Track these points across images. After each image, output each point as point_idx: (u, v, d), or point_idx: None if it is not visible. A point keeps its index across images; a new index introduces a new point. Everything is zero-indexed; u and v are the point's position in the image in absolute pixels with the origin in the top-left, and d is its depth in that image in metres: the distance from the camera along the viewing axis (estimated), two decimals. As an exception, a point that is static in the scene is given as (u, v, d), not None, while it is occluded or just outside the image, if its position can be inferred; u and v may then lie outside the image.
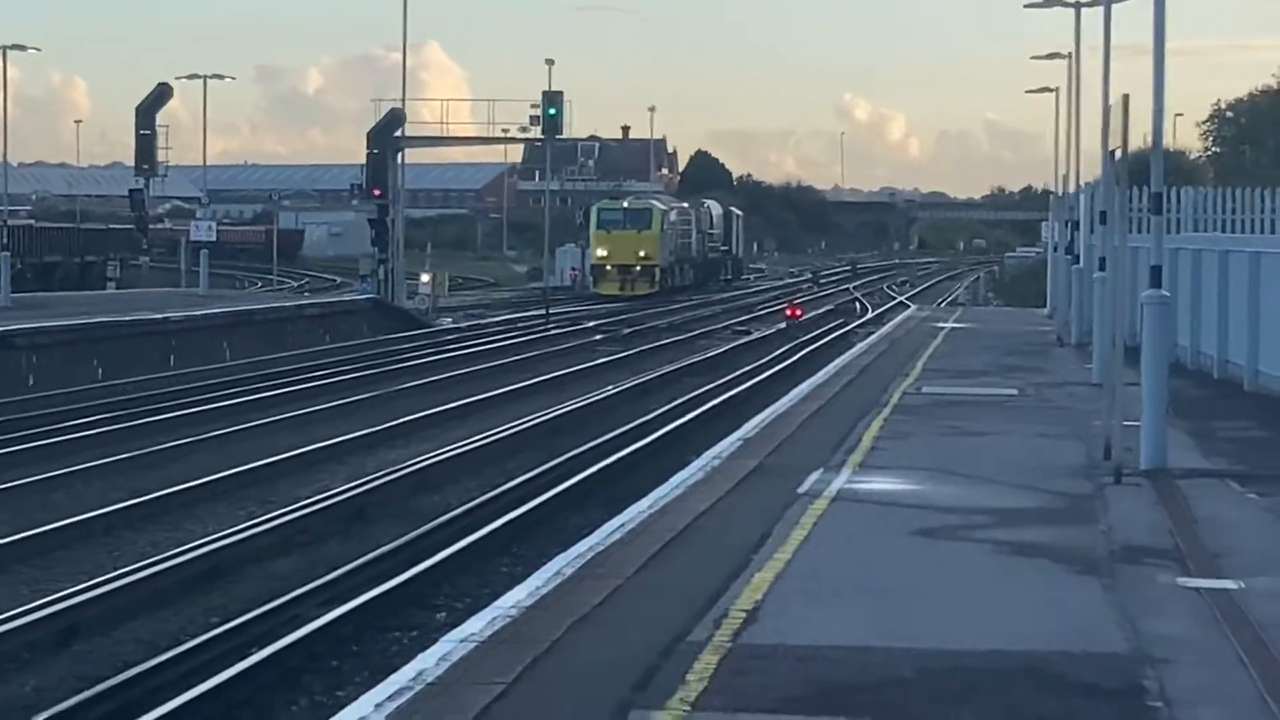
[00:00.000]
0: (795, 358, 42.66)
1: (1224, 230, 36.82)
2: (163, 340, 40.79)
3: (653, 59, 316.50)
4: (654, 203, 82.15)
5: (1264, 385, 25.06)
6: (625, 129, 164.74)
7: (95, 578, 16.26)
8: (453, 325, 58.07)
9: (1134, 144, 18.64)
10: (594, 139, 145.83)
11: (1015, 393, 26.14)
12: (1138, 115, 17.42)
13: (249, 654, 13.34)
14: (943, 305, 70.33)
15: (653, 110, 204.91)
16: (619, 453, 24.69)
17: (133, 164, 64.78)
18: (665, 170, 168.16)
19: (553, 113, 61.51)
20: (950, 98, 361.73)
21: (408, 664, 9.75)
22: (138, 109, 62.92)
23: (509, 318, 62.02)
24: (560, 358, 44.73)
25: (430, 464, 23.85)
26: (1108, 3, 25.99)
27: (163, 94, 63.89)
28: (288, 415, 30.40)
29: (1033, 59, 50.61)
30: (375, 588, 15.57)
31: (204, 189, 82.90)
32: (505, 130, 66.79)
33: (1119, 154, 18.58)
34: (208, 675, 12.65)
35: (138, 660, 13.46)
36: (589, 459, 24.16)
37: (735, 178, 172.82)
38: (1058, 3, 40.88)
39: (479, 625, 10.50)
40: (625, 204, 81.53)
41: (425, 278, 64.10)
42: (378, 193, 60.94)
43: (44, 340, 36.09)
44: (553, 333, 54.23)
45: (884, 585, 11.74)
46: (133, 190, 65.26)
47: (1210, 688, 9.20)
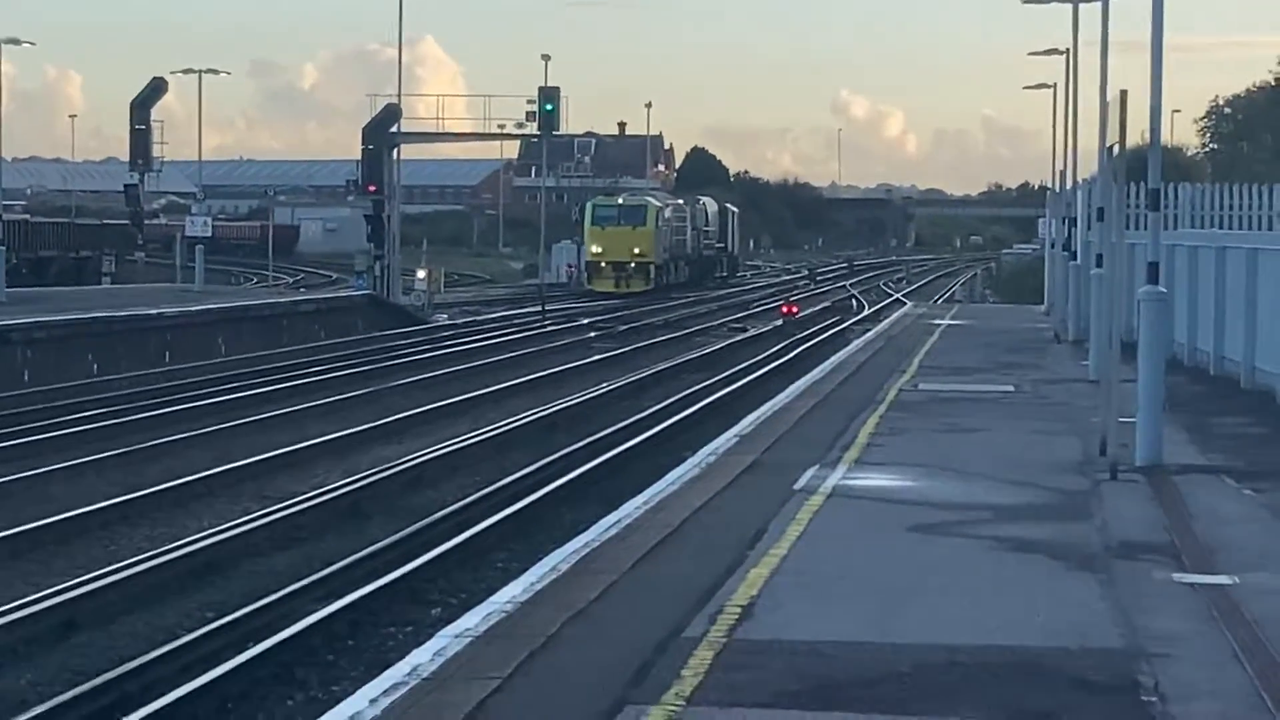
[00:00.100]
0: (791, 355, 42.65)
1: (1221, 227, 36.86)
2: (158, 336, 40.76)
3: (650, 55, 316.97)
4: (649, 199, 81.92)
5: (1260, 382, 25.05)
6: (622, 125, 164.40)
7: (91, 572, 16.26)
8: (448, 322, 58.04)
9: (1131, 140, 18.60)
10: (590, 135, 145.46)
11: (1012, 389, 26.14)
12: (1135, 111, 17.43)
13: (244, 649, 13.34)
14: (939, 302, 70.32)
15: (649, 106, 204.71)
16: (615, 449, 24.69)
17: (128, 159, 64.73)
18: (662, 167, 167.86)
19: (549, 109, 61.44)
20: (947, 94, 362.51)
21: (403, 659, 9.75)
22: (132, 104, 62.93)
23: (505, 314, 62.02)
24: (556, 354, 44.75)
25: (426, 460, 23.84)
26: (1105, -1, 25.98)
27: (158, 89, 63.89)
28: (283, 411, 30.41)
29: (1030, 55, 50.35)
30: (370, 583, 15.57)
31: (199, 184, 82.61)
32: (501, 126, 66.85)
33: (1116, 150, 18.57)
34: (203, 670, 12.65)
35: (134, 655, 13.46)
36: (585, 455, 24.15)
37: (732, 174, 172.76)
38: (1055, -2, 40.79)
39: (474, 620, 10.50)
40: (620, 200, 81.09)
41: (421, 274, 64.00)
42: (373, 189, 60.87)
43: (39, 335, 36.06)
44: (549, 329, 54.22)
45: (879, 581, 11.74)
46: (128, 185, 65.25)
47: (1205, 683, 9.19)
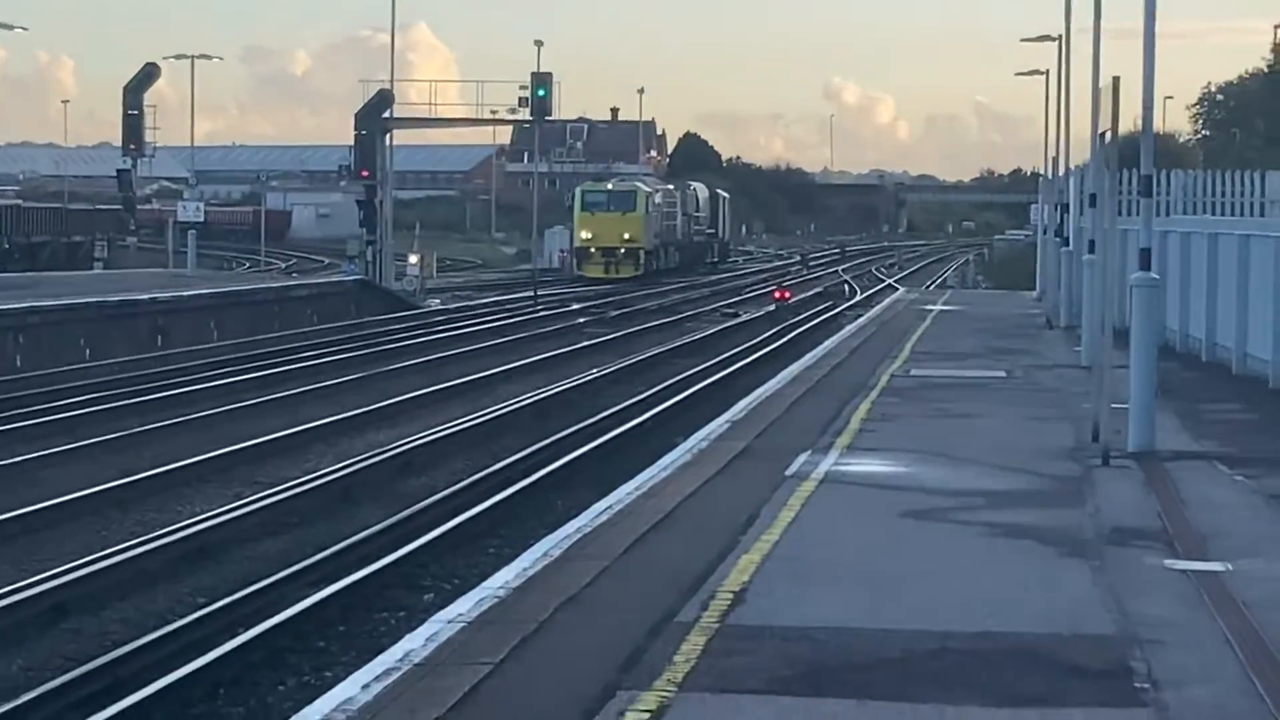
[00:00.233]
0: (783, 340, 42.66)
1: (1213, 213, 36.85)
2: (150, 321, 40.71)
3: (642, 41, 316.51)
4: (639, 184, 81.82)
5: (1252, 368, 25.08)
6: (614, 111, 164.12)
7: (83, 557, 16.25)
8: (441, 307, 58.01)
9: (1124, 127, 18.57)
10: (583, 121, 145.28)
11: (1004, 375, 26.16)
12: (1128, 98, 17.36)
13: (236, 634, 13.34)
14: (932, 288, 70.32)
15: (641, 92, 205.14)
16: (607, 435, 24.68)
17: (120, 144, 64.63)
18: (654, 152, 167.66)
19: (541, 94, 61.35)
20: (940, 80, 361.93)
21: (395, 644, 9.75)
22: (125, 89, 62.81)
23: (497, 299, 61.98)
24: (548, 339, 44.73)
25: (418, 445, 23.83)
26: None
27: (150, 74, 63.80)
28: (275, 396, 30.39)
29: (1023, 41, 50.40)
30: (363, 569, 15.57)
31: (191, 169, 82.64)
32: (494, 112, 66.66)
33: (1109, 137, 18.58)
34: (195, 655, 12.64)
35: (125, 639, 13.46)
36: (577, 441, 24.15)
37: (724, 160, 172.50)
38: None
39: (467, 606, 10.50)
40: (609, 186, 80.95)
41: (413, 259, 63.96)
42: (366, 174, 60.78)
43: (31, 320, 36.00)
44: (541, 314, 54.21)
45: (871, 567, 11.74)
46: (120, 170, 65.10)
47: (1197, 669, 9.20)
